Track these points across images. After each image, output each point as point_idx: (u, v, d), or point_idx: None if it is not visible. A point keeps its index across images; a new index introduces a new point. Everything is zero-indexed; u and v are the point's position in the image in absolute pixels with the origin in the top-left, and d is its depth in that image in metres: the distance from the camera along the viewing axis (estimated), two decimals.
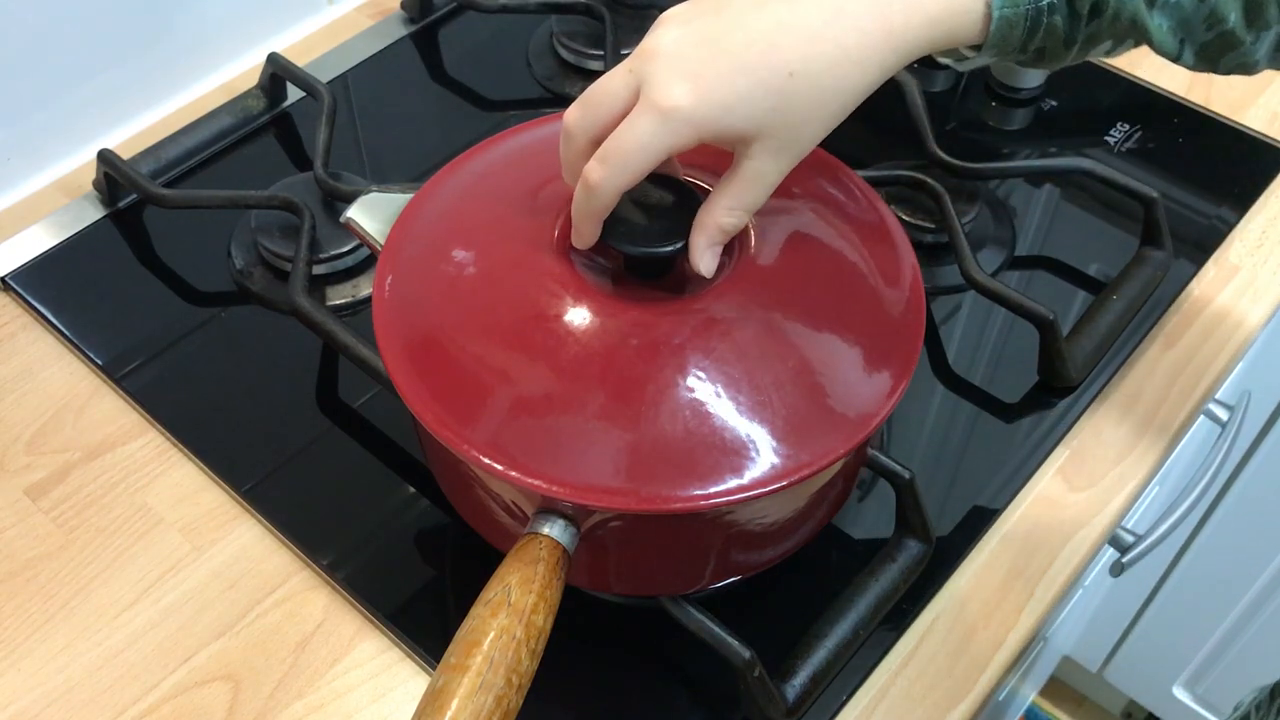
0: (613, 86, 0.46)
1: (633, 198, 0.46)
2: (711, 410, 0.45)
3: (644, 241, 0.48)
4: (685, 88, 0.43)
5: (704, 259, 0.48)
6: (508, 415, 0.46)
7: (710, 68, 0.43)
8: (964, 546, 0.60)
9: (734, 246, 0.50)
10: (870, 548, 0.57)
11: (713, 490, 0.44)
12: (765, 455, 0.45)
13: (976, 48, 0.47)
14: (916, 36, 0.45)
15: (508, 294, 0.49)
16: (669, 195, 0.49)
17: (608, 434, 0.45)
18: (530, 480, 0.44)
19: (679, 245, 0.47)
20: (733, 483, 0.45)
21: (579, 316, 0.48)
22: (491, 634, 0.41)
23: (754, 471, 0.45)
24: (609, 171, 0.45)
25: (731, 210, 0.47)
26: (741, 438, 0.45)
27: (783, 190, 0.48)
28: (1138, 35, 0.46)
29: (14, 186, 0.75)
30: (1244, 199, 0.76)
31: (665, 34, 0.45)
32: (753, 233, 0.50)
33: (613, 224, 0.47)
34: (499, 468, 0.45)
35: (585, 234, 0.48)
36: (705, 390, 0.46)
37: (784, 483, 0.45)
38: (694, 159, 0.50)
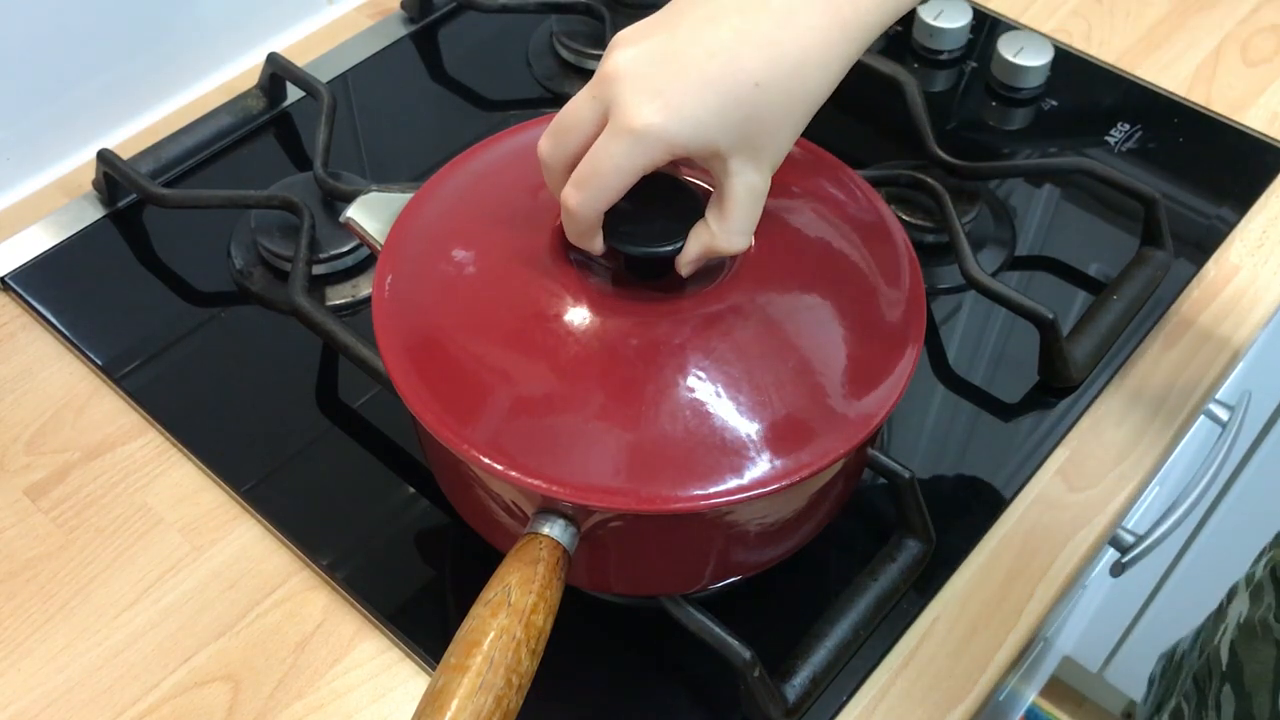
0: (579, 113, 0.45)
1: (633, 198, 0.46)
2: (712, 410, 0.46)
3: (644, 241, 0.47)
4: (654, 105, 0.43)
5: (689, 268, 0.48)
6: (508, 415, 0.46)
7: (676, 84, 0.43)
8: (964, 546, 0.60)
9: None
10: (870, 548, 0.57)
11: (713, 490, 0.44)
12: (766, 455, 0.45)
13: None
14: (869, 20, 0.45)
15: (507, 294, 0.49)
16: (668, 195, 0.49)
17: (608, 434, 0.45)
18: (530, 480, 0.44)
19: (679, 245, 0.47)
20: (733, 483, 0.45)
21: (578, 316, 0.48)
22: (491, 634, 0.41)
23: (754, 471, 0.45)
24: (585, 196, 0.45)
25: (733, 235, 0.47)
26: (742, 437, 0.45)
27: (782, 190, 0.48)
28: None
29: (14, 186, 0.75)
30: (1244, 199, 0.76)
31: (623, 55, 0.44)
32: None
33: (613, 224, 0.47)
34: (499, 468, 0.45)
35: (588, 248, 0.48)
36: (705, 390, 0.46)
37: (784, 483, 0.45)
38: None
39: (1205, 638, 0.60)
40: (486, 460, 0.45)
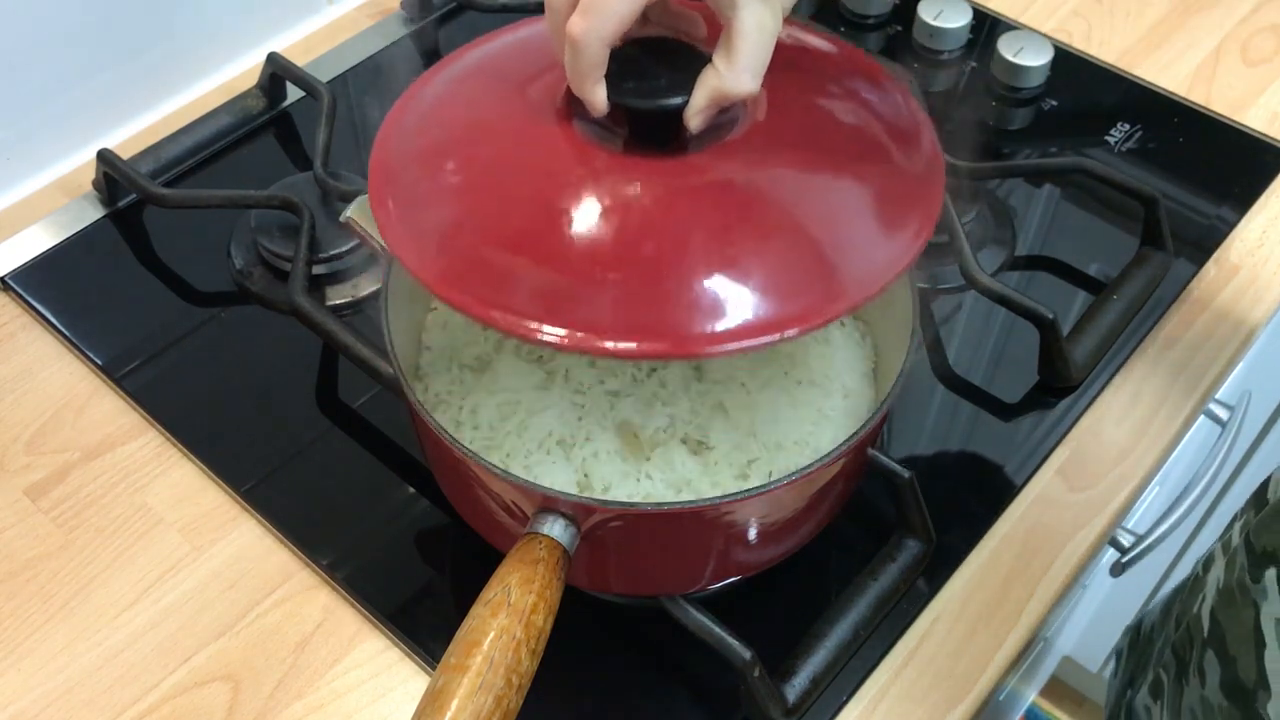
0: None
1: (637, 58, 0.45)
2: (744, 258, 0.44)
3: (650, 95, 0.46)
4: None
5: (697, 119, 0.46)
6: (531, 288, 0.44)
7: None
8: (964, 546, 0.60)
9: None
10: (870, 548, 0.57)
11: (748, 326, 0.42)
12: (808, 292, 0.43)
13: None
14: None
15: (515, 171, 0.47)
16: (673, 55, 0.47)
17: (639, 291, 0.43)
18: (573, 336, 0.42)
19: (685, 98, 0.46)
20: (768, 322, 0.43)
21: (591, 180, 0.46)
22: (491, 634, 0.41)
23: (789, 310, 0.43)
24: (591, 22, 0.43)
25: (742, 74, 0.45)
26: (768, 283, 0.43)
27: (803, 65, 0.46)
28: None
29: (14, 186, 0.75)
30: (1244, 199, 0.76)
31: None
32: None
33: (616, 82, 0.46)
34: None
35: (591, 99, 0.46)
36: (731, 239, 0.44)
37: (831, 316, 0.43)
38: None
39: (1183, 608, 0.59)
40: (530, 326, 0.42)
